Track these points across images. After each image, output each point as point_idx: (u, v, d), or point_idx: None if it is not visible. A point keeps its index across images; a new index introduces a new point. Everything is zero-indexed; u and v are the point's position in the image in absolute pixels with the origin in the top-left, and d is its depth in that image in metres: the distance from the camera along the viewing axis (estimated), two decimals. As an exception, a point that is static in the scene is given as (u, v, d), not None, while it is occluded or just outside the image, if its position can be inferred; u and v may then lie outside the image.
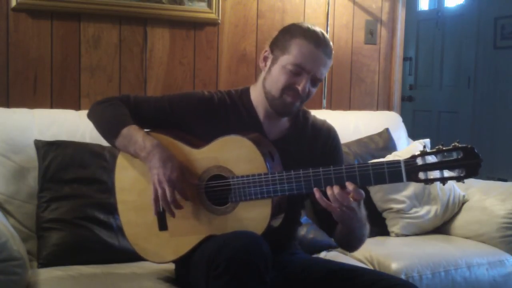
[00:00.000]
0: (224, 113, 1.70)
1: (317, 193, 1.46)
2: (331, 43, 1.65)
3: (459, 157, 1.36)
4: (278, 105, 1.64)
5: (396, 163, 1.41)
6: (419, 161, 1.39)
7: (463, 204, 2.52)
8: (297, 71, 1.60)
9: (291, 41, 1.61)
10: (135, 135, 1.61)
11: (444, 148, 1.38)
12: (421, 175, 1.39)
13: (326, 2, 2.95)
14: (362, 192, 1.46)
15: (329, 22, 2.96)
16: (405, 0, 3.24)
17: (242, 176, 1.54)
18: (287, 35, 1.64)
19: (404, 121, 2.98)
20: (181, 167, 1.57)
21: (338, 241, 1.73)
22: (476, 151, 1.36)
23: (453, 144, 1.38)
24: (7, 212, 2.00)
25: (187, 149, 1.63)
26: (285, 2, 2.91)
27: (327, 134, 1.76)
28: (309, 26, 1.65)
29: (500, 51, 4.86)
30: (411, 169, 1.39)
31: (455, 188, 2.52)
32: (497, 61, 4.87)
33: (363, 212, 1.56)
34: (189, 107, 1.70)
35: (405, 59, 4.99)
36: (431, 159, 1.39)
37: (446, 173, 1.40)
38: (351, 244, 1.71)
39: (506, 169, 4.62)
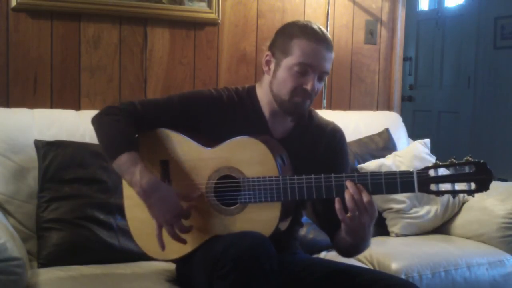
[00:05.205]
0: (232, 112, 1.69)
1: (337, 204, 1.44)
2: (329, 36, 1.64)
3: (471, 171, 1.38)
4: (289, 107, 1.64)
5: (409, 173, 1.42)
6: (432, 173, 1.40)
7: (463, 204, 2.52)
8: (303, 70, 1.59)
9: (291, 42, 1.60)
10: (134, 167, 1.54)
11: (456, 162, 1.39)
12: (433, 186, 1.40)
13: (326, 2, 2.95)
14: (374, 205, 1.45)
15: (329, 22, 2.96)
16: (405, 0, 3.23)
17: (253, 178, 1.53)
18: (286, 36, 1.63)
19: (404, 121, 2.98)
20: (178, 201, 1.54)
21: (337, 248, 1.70)
22: (488, 166, 1.37)
23: (465, 158, 1.39)
24: (7, 212, 2.00)
25: (199, 148, 1.63)
26: (285, 2, 2.91)
27: (332, 135, 1.75)
28: (306, 23, 1.64)
29: (500, 51, 4.85)
30: (423, 181, 1.40)
31: (455, 188, 2.52)
32: (497, 61, 4.87)
33: (371, 231, 1.54)
34: (200, 107, 1.68)
35: (405, 59, 4.99)
36: (443, 171, 1.40)
37: (457, 187, 1.41)
38: (349, 253, 1.69)
39: (506, 169, 4.61)
